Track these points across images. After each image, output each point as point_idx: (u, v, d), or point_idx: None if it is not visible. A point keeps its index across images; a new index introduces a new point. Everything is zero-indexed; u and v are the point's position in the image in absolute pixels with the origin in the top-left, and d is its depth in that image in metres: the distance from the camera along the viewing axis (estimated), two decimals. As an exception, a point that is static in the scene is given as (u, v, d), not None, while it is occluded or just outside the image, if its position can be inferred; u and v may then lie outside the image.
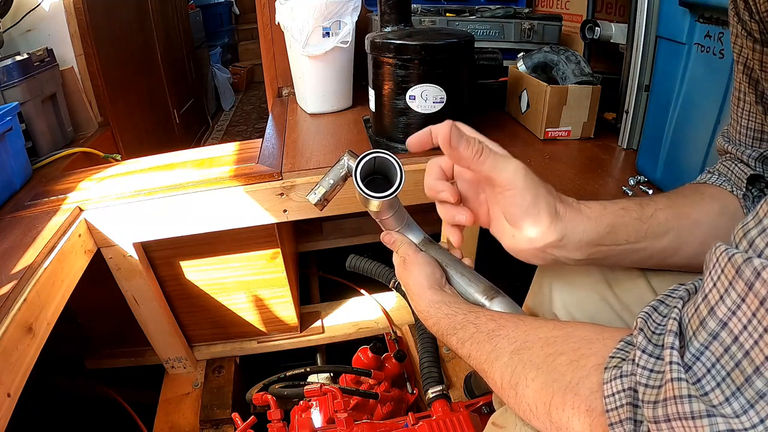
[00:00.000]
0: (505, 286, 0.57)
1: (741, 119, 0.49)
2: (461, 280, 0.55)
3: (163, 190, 0.97)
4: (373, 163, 0.50)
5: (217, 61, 3.89)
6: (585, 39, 1.15)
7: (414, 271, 0.54)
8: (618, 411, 0.31)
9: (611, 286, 0.54)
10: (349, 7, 1.18)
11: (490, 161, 0.44)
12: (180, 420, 1.19)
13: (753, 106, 0.47)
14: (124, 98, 1.85)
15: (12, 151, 1.04)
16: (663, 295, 0.34)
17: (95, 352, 1.37)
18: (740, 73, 0.46)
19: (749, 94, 0.46)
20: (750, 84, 0.46)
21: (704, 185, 0.52)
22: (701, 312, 0.28)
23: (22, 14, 1.33)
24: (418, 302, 0.53)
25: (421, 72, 0.96)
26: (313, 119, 1.31)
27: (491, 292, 0.52)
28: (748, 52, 0.43)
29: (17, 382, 0.69)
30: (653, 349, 0.30)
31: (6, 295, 0.70)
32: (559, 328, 0.39)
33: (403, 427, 0.96)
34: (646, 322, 0.32)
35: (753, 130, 0.48)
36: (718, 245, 0.28)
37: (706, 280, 0.28)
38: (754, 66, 0.44)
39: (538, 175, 0.46)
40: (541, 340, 0.39)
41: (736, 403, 0.25)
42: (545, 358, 0.37)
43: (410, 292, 0.54)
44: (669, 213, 0.48)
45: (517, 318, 0.44)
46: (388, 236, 0.60)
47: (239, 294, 1.26)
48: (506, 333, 0.42)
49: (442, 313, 0.49)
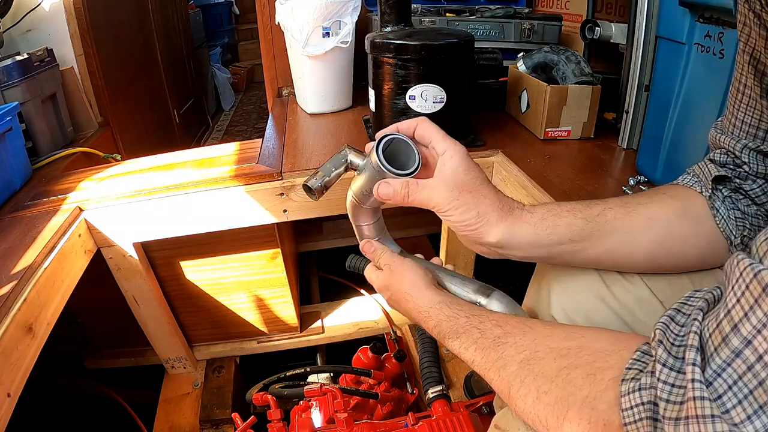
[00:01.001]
0: (503, 287, 0.57)
1: (738, 112, 0.47)
2: (453, 281, 0.54)
3: (163, 190, 0.97)
4: (386, 147, 0.50)
5: (217, 61, 3.89)
6: (585, 39, 1.15)
7: (406, 273, 0.53)
8: (637, 425, 0.30)
9: (609, 287, 0.54)
10: (349, 7, 1.18)
11: (418, 197, 0.49)
12: (180, 420, 1.19)
13: (756, 100, 0.45)
14: (124, 98, 1.85)
15: (12, 151, 1.04)
16: (679, 303, 0.34)
17: (95, 352, 1.37)
18: (745, 64, 0.44)
19: (753, 88, 0.44)
20: (755, 76, 0.44)
21: (674, 186, 0.52)
22: (723, 328, 0.27)
23: (22, 14, 1.33)
24: (416, 303, 0.51)
25: (421, 72, 0.96)
26: (313, 119, 1.31)
27: (486, 290, 0.52)
28: (756, 39, 0.41)
29: (17, 382, 0.69)
30: (674, 362, 0.29)
31: (6, 295, 0.70)
32: (570, 338, 0.38)
33: (403, 427, 0.96)
34: (664, 333, 0.31)
35: (750, 125, 0.46)
36: (740, 258, 0.27)
37: (728, 294, 0.27)
38: (761, 57, 0.42)
39: (539, 175, 0.47)
40: (553, 351, 0.38)
41: (758, 422, 0.24)
42: (559, 372, 0.36)
43: (405, 296, 0.53)
44: (618, 212, 0.48)
45: (523, 324, 0.42)
46: (369, 245, 0.59)
47: (239, 294, 1.26)
48: (513, 341, 0.41)
49: (443, 314, 0.48)
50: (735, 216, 0.47)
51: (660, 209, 0.48)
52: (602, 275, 0.55)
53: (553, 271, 0.58)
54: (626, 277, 0.54)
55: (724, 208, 0.47)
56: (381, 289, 0.57)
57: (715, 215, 0.48)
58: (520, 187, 0.93)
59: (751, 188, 0.47)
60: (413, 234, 1.75)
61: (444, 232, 1.21)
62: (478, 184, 0.49)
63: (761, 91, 0.44)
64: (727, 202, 0.48)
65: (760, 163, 0.46)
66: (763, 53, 0.41)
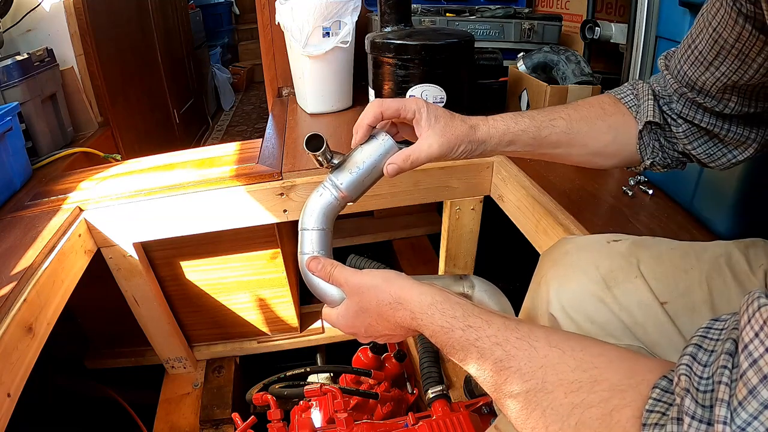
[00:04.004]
0: (503, 287, 0.58)
1: (687, 62, 0.52)
2: (423, 278, 0.51)
3: (163, 190, 0.97)
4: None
5: (217, 61, 3.89)
6: (585, 39, 1.15)
7: (375, 284, 0.48)
8: None
9: (609, 288, 0.54)
10: (349, 7, 1.18)
11: (421, 158, 0.56)
12: (180, 420, 1.19)
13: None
14: (124, 98, 1.85)
15: (12, 151, 1.04)
16: (698, 338, 0.32)
17: (95, 352, 1.37)
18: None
19: (734, 27, 0.45)
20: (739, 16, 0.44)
21: (617, 103, 0.60)
22: (749, 379, 0.26)
23: (22, 14, 1.33)
24: (407, 308, 0.46)
25: (421, 72, 0.96)
26: (313, 119, 1.31)
27: (462, 278, 0.52)
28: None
29: (17, 382, 0.69)
30: (702, 413, 0.28)
31: (6, 295, 0.70)
32: (581, 367, 0.35)
33: (403, 427, 0.96)
34: (690, 379, 0.29)
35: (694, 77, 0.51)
36: (764, 304, 0.26)
37: (752, 342, 0.26)
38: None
39: (539, 175, 0.47)
40: (563, 384, 0.35)
41: None
42: (571, 410, 0.34)
43: (382, 312, 0.48)
44: (561, 137, 0.58)
45: (528, 345, 0.38)
46: (315, 261, 0.54)
47: (239, 294, 1.26)
48: (518, 366, 0.38)
49: (436, 324, 0.43)
50: (653, 146, 0.58)
51: (597, 139, 0.59)
52: (604, 276, 0.55)
53: (553, 271, 0.58)
54: (628, 278, 0.54)
55: (648, 138, 0.58)
56: (352, 317, 0.52)
57: (639, 141, 0.58)
58: (520, 187, 0.93)
59: (676, 131, 0.56)
60: (413, 234, 1.75)
61: (444, 232, 1.21)
62: (448, 122, 0.56)
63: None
64: (651, 134, 0.58)
65: (684, 112, 0.55)
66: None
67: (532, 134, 0.57)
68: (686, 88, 0.53)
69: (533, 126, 0.57)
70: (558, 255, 0.61)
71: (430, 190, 1.05)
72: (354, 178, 0.55)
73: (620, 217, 0.80)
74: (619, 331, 0.52)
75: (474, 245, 1.21)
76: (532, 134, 0.57)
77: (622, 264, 0.55)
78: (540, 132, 0.57)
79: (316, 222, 0.55)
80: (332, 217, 0.56)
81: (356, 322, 0.52)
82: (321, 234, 0.55)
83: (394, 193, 1.04)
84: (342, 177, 0.55)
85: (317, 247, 0.55)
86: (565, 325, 0.54)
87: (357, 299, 0.51)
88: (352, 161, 0.56)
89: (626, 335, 0.52)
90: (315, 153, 0.53)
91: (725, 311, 0.32)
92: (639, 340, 0.51)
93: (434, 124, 0.55)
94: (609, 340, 0.51)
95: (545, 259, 0.63)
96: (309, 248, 0.55)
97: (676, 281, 0.53)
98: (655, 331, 0.51)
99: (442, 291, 0.46)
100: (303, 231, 0.56)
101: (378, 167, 0.56)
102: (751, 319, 0.27)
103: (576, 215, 0.79)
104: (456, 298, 0.45)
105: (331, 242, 0.57)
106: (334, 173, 0.56)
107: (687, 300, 0.52)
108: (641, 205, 0.83)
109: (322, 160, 0.54)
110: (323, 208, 0.56)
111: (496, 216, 1.07)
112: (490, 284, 0.56)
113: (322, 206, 0.56)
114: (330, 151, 0.54)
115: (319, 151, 0.52)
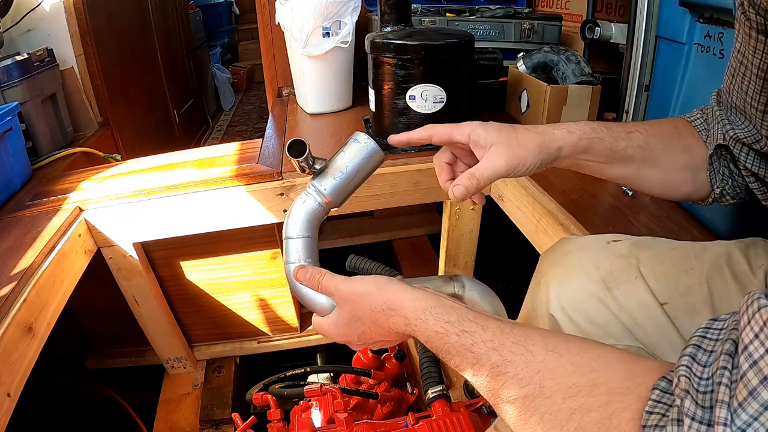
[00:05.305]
0: (504, 287, 0.58)
1: (739, 87, 0.49)
2: (414, 281, 0.50)
3: (163, 190, 0.97)
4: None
5: (217, 61, 3.89)
6: (585, 39, 1.15)
7: (367, 292, 0.47)
8: None
9: (609, 289, 0.54)
10: (349, 7, 1.18)
11: (487, 176, 0.52)
12: (180, 420, 1.19)
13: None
14: (124, 98, 1.85)
15: (12, 151, 1.04)
16: (697, 338, 0.32)
17: (95, 352, 1.37)
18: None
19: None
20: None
21: (688, 125, 0.57)
22: (749, 381, 0.26)
23: (22, 14, 1.33)
24: (401, 315, 0.45)
25: (421, 72, 0.96)
26: (313, 119, 1.31)
27: (453, 278, 0.52)
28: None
29: (17, 382, 0.69)
30: (702, 414, 0.28)
31: (6, 295, 0.70)
32: (579, 371, 0.35)
33: (403, 427, 0.96)
34: (689, 380, 0.29)
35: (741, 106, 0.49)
36: (764, 305, 0.26)
37: (752, 343, 0.26)
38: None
39: (539, 176, 0.47)
40: (561, 389, 0.35)
41: None
42: (570, 415, 0.34)
43: (376, 319, 0.47)
44: (637, 151, 0.54)
45: (524, 349, 0.38)
46: (303, 270, 0.53)
47: (239, 294, 1.26)
48: (515, 371, 0.37)
49: (430, 329, 0.43)
50: (723, 173, 0.55)
51: (670, 162, 0.55)
52: (603, 276, 0.55)
53: (553, 271, 0.58)
54: (628, 278, 0.54)
55: (718, 164, 0.55)
56: (344, 326, 0.50)
57: (709, 167, 0.55)
58: (520, 187, 0.93)
59: (746, 161, 0.53)
60: (413, 234, 1.75)
61: (444, 231, 1.21)
62: (512, 134, 0.52)
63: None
64: (721, 159, 0.54)
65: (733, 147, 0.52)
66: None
67: (609, 144, 0.53)
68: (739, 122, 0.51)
69: (610, 136, 0.53)
70: (558, 255, 0.60)
71: (430, 190, 1.05)
72: (337, 183, 0.54)
73: (620, 217, 0.80)
74: (619, 332, 0.52)
75: (474, 245, 1.21)
76: (609, 144, 0.53)
77: (622, 264, 0.55)
78: (617, 143, 0.53)
79: (301, 230, 0.55)
80: (317, 224, 0.56)
81: (349, 331, 0.51)
82: (307, 242, 0.55)
83: (394, 193, 1.04)
84: (325, 182, 0.55)
85: (303, 256, 0.54)
86: (564, 326, 0.54)
87: (349, 307, 0.50)
88: (334, 166, 0.55)
89: (626, 336, 0.52)
90: (298, 159, 0.52)
91: (725, 312, 0.32)
92: (639, 341, 0.51)
93: (496, 139, 0.52)
94: (609, 340, 0.51)
95: (545, 259, 0.63)
96: (295, 257, 0.54)
97: (676, 282, 0.53)
98: (655, 331, 0.51)
99: (436, 295, 0.45)
100: (288, 239, 0.55)
101: (361, 171, 0.55)
102: (751, 320, 0.26)
103: (576, 215, 0.79)
104: (450, 303, 0.44)
105: (317, 249, 0.56)
106: (317, 179, 0.55)
107: (687, 300, 0.52)
108: (641, 205, 0.83)
109: (305, 166, 0.54)
110: (307, 215, 0.55)
111: (496, 216, 1.07)
112: (481, 284, 0.56)
113: (306, 213, 0.55)
114: (312, 157, 0.54)
115: (302, 157, 0.52)
